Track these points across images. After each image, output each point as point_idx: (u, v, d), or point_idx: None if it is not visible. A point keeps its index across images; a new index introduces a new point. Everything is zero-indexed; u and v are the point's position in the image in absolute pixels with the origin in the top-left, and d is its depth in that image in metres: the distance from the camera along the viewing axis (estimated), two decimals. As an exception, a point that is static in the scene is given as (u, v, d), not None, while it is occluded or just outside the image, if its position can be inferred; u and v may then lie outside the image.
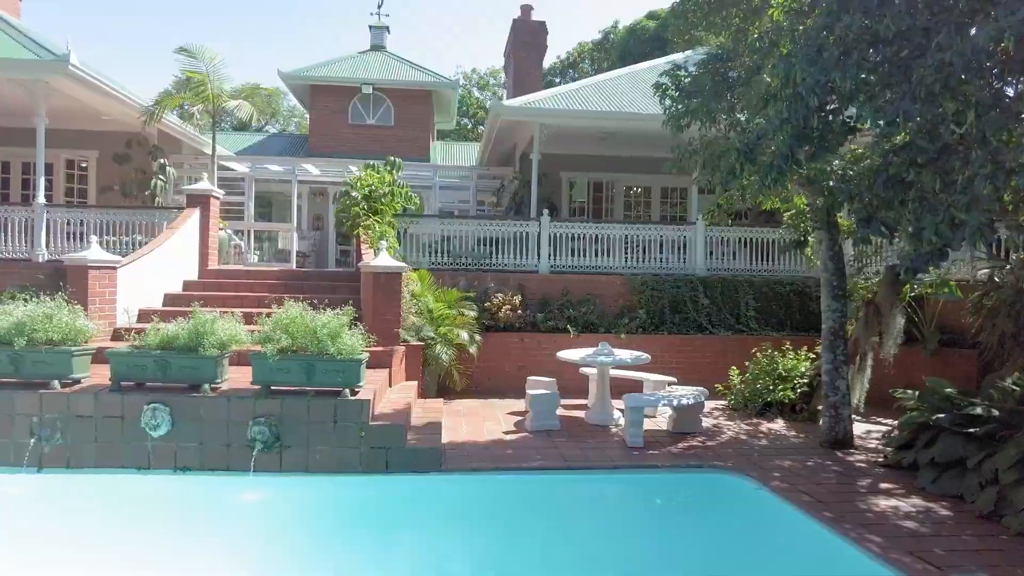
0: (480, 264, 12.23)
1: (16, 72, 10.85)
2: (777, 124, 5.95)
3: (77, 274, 8.82)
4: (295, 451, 6.82)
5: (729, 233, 12.67)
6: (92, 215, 11.63)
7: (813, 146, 5.98)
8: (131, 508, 6.52)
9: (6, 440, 6.72)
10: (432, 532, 6.20)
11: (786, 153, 5.92)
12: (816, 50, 5.70)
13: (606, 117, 13.03)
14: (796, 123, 5.83)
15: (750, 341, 11.70)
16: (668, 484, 7.10)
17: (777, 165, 5.99)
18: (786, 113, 5.84)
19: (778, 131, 5.97)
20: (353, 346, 6.89)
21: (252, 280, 11.29)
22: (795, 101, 5.90)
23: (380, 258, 9.18)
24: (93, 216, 11.69)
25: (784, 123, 5.88)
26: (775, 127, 5.99)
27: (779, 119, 5.92)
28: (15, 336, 6.76)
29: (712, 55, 9.43)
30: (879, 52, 5.40)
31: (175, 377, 6.86)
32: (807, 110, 5.75)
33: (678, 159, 8.92)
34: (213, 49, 12.56)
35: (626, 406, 8.18)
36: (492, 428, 8.85)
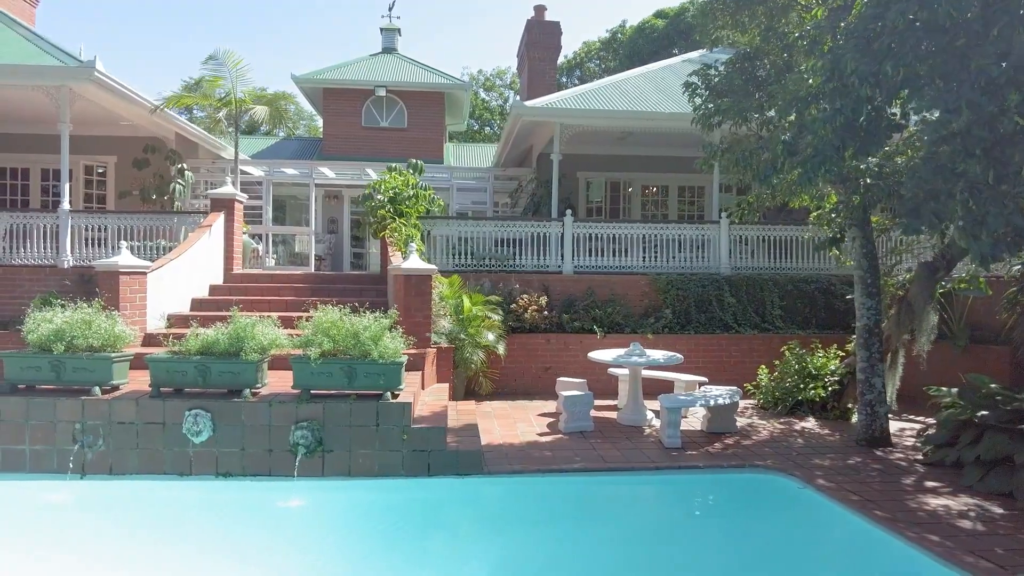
0: (503, 265, 12.21)
1: (41, 79, 10.85)
2: (828, 115, 5.90)
3: (108, 280, 8.80)
4: (337, 455, 6.79)
5: (753, 231, 12.64)
6: (116, 220, 11.62)
7: (860, 139, 5.93)
8: (174, 514, 6.49)
9: (50, 447, 6.71)
10: (478, 536, 6.17)
11: (837, 144, 5.88)
12: (865, 41, 5.66)
13: (628, 117, 12.99)
14: (846, 114, 5.79)
15: (776, 340, 11.68)
16: (711, 485, 7.05)
17: (826, 155, 5.94)
18: (839, 103, 5.79)
19: (827, 122, 5.91)
20: (396, 349, 6.87)
21: (278, 284, 11.27)
22: (842, 93, 5.86)
23: (411, 261, 9.15)
24: (115, 221, 11.67)
25: (836, 113, 5.83)
26: (826, 118, 5.93)
27: (831, 109, 5.87)
28: (55, 342, 6.75)
29: (740, 53, 9.42)
30: (933, 41, 5.34)
31: (215, 382, 6.84)
32: (857, 101, 5.70)
33: (709, 157, 8.87)
34: (237, 55, 12.56)
35: (663, 406, 8.14)
36: (525, 430, 8.82)
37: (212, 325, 7.19)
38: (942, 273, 8.71)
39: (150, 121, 13.80)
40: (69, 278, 11.27)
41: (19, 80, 10.90)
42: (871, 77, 5.56)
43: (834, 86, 5.89)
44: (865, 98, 5.70)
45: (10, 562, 5.68)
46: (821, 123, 5.99)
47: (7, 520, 6.32)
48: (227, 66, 12.62)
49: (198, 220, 11.85)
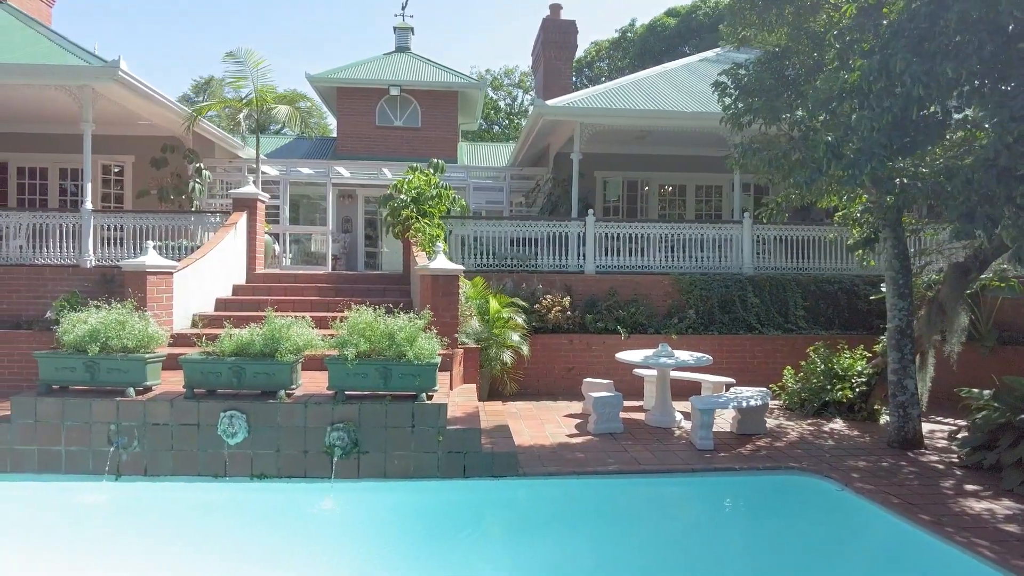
0: (525, 265, 12.17)
1: (65, 78, 10.84)
2: (876, 114, 5.83)
3: (136, 280, 8.79)
4: (373, 457, 6.76)
5: (775, 231, 12.58)
6: (138, 220, 11.60)
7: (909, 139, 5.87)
8: (209, 516, 6.48)
9: (85, 448, 6.69)
10: (518, 539, 6.14)
11: (884, 143, 5.82)
12: (917, 40, 5.60)
13: (650, 116, 12.93)
14: (894, 113, 5.72)
15: (800, 340, 11.63)
16: (748, 487, 7.00)
17: (873, 154, 5.87)
18: (887, 102, 5.72)
19: (874, 121, 5.85)
20: (432, 350, 6.84)
21: (300, 283, 11.25)
22: (890, 93, 5.80)
23: (438, 261, 9.12)
24: (137, 221, 11.65)
25: (884, 112, 5.76)
26: (873, 117, 5.87)
27: (879, 108, 5.80)
28: (91, 343, 6.73)
29: (769, 53, 9.35)
30: (995, 42, 5.27)
31: (249, 384, 6.81)
32: (907, 100, 5.64)
33: (740, 157, 8.81)
34: (258, 54, 12.53)
35: (696, 408, 8.09)
36: (554, 431, 8.78)
37: (245, 325, 7.17)
38: (975, 274, 8.64)
39: (169, 120, 13.78)
40: (91, 278, 11.25)
41: (42, 80, 10.88)
42: (923, 77, 5.49)
43: (882, 86, 5.83)
44: (917, 99, 5.63)
45: (47, 563, 5.68)
46: (868, 122, 5.92)
47: (44, 521, 6.32)
48: (248, 65, 12.60)
49: (215, 220, 11.87)
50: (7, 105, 13.12)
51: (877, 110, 5.95)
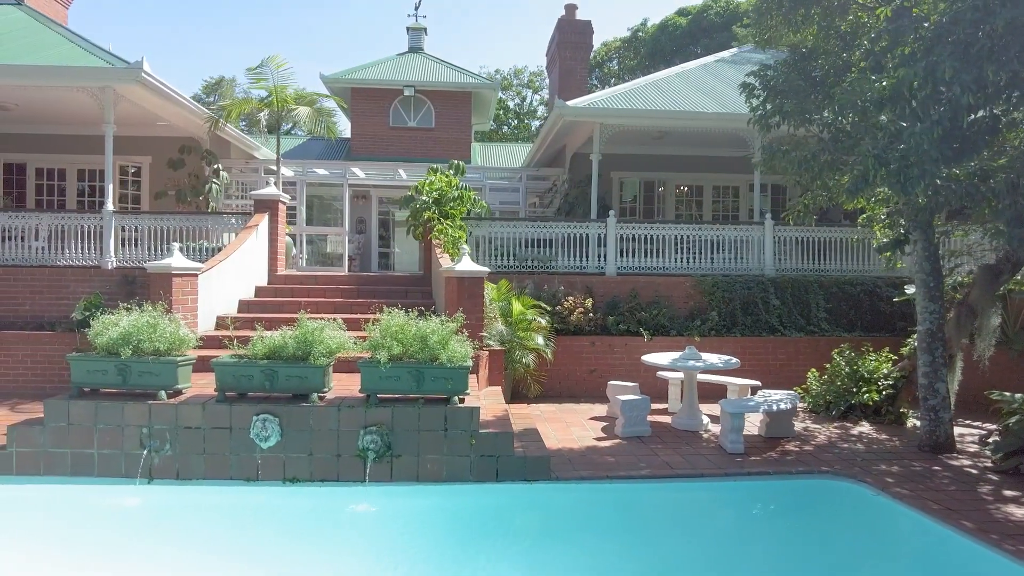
0: (546, 267, 12.13)
1: (88, 80, 10.85)
2: (927, 127, 5.76)
3: (161, 281, 8.76)
4: (405, 460, 6.73)
5: (796, 233, 12.51)
6: (158, 221, 11.61)
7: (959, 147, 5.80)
8: (242, 520, 6.46)
9: (117, 451, 6.67)
10: (553, 544, 6.08)
11: (935, 156, 5.75)
12: (964, 46, 5.54)
13: (671, 116, 12.87)
14: (944, 125, 5.66)
15: (822, 342, 11.58)
16: (782, 491, 6.94)
17: (924, 168, 5.81)
18: (935, 115, 5.66)
19: (925, 134, 5.78)
20: (464, 353, 6.80)
21: (322, 285, 11.23)
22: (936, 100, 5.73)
23: (463, 262, 9.07)
24: (157, 222, 11.65)
25: (934, 124, 5.69)
26: (923, 131, 5.80)
27: (928, 119, 5.73)
28: (123, 346, 6.71)
29: (796, 53, 9.29)
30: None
31: (282, 387, 6.78)
32: (956, 108, 5.57)
33: (769, 159, 8.75)
34: (280, 57, 12.53)
35: (726, 412, 8.04)
36: (581, 434, 8.74)
37: (271, 327, 7.13)
38: (1006, 276, 8.57)
39: (186, 121, 13.79)
40: (113, 279, 11.25)
41: (65, 81, 10.90)
42: (972, 85, 5.42)
43: (927, 93, 5.75)
44: (966, 106, 5.56)
45: (80, 565, 5.67)
46: (919, 135, 5.83)
47: (77, 524, 6.30)
48: (269, 67, 12.59)
49: (232, 221, 11.87)
50: (28, 106, 13.14)
51: (926, 121, 5.86)
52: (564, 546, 6.02)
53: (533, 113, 43.72)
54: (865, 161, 6.54)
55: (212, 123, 12.80)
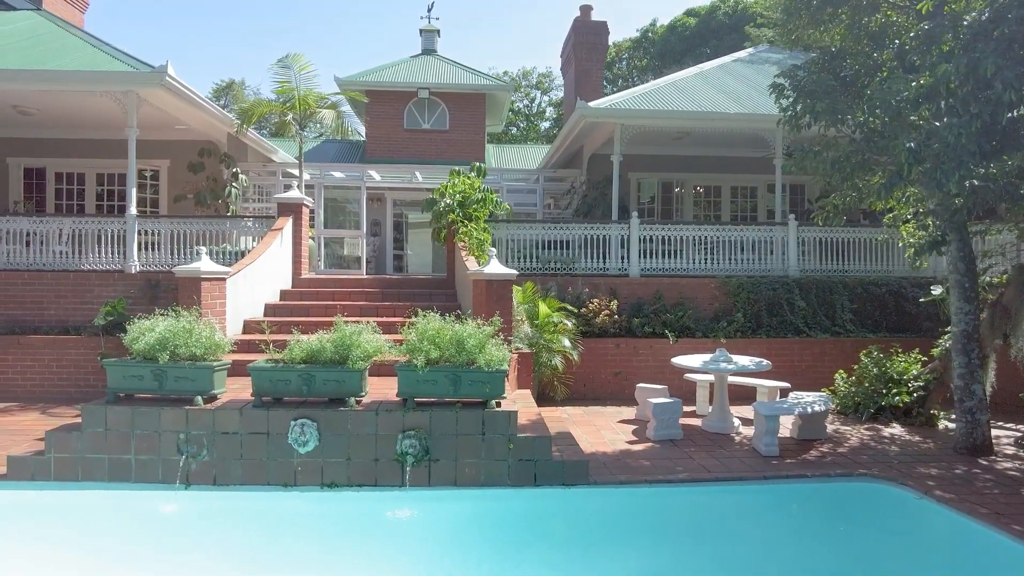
0: (569, 268, 12.09)
1: (113, 85, 10.86)
2: (965, 121, 5.71)
3: (189, 286, 8.75)
4: (443, 465, 6.68)
5: (822, 233, 12.45)
6: (181, 225, 11.61)
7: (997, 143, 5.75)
8: (281, 525, 6.42)
9: (154, 456, 6.64)
10: (595, 549, 6.02)
11: (973, 150, 5.70)
12: (1007, 43, 5.48)
13: (693, 117, 12.83)
14: (983, 119, 5.60)
15: (848, 343, 11.52)
16: (822, 494, 6.88)
17: (962, 161, 5.75)
18: (975, 108, 5.60)
19: (963, 128, 5.72)
20: (502, 357, 6.75)
21: (346, 288, 11.21)
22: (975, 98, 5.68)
23: (492, 265, 9.04)
24: (179, 226, 11.66)
25: (973, 118, 5.64)
26: (962, 124, 5.74)
27: (967, 114, 5.68)
28: (160, 351, 6.68)
29: (825, 53, 9.23)
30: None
31: (319, 391, 6.74)
32: (998, 106, 5.52)
33: (800, 160, 8.69)
34: (304, 59, 12.50)
35: (760, 414, 7.98)
36: (612, 437, 8.69)
37: (312, 331, 7.10)
38: None
39: (206, 124, 13.79)
40: (137, 283, 11.25)
41: (90, 86, 10.90)
42: (1015, 81, 5.37)
43: (968, 89, 5.70)
44: (1008, 103, 5.51)
45: (118, 571, 5.65)
46: (957, 128, 5.79)
47: (115, 530, 6.28)
48: (294, 69, 12.57)
49: (249, 224, 11.87)
50: (48, 111, 13.14)
51: (964, 116, 5.82)
52: (609, 551, 5.97)
53: (542, 114, 43.71)
54: (900, 156, 6.47)
55: (238, 127, 12.77)
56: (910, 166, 6.37)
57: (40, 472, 6.63)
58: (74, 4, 17.32)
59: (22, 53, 11.68)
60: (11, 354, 10.63)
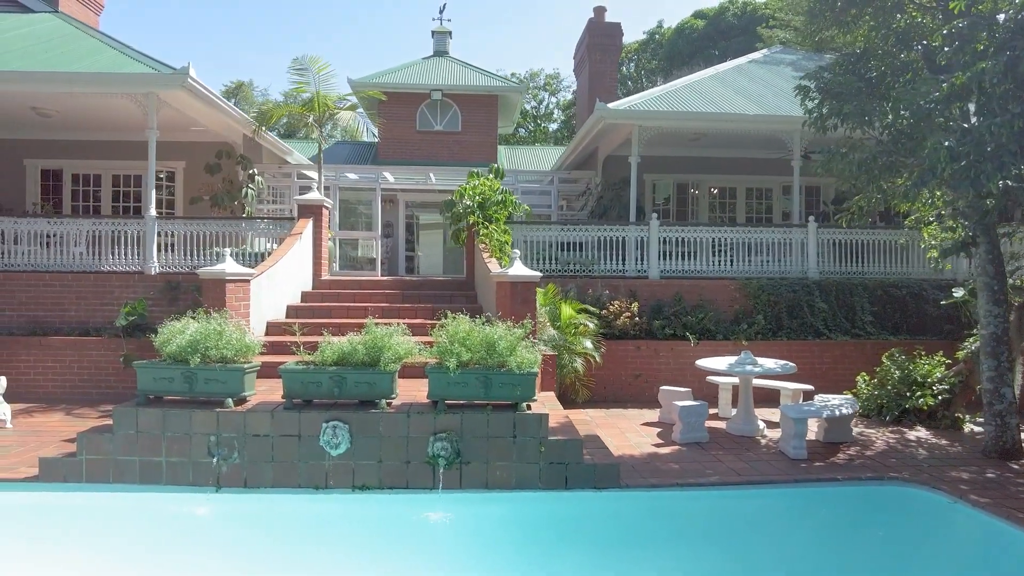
0: (587, 270, 12.06)
1: (134, 86, 10.87)
2: (1007, 119, 5.68)
3: (214, 287, 8.73)
4: (474, 467, 6.66)
5: (842, 235, 12.41)
6: (207, 227, 11.62)
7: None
8: (313, 528, 6.42)
9: (185, 459, 6.62)
10: (633, 552, 6.00)
11: (1015, 149, 5.67)
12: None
13: (711, 118, 12.80)
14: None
15: (868, 345, 11.49)
16: (853, 498, 6.83)
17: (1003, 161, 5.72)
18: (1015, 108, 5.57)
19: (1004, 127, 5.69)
20: (534, 359, 6.73)
21: (366, 290, 11.21)
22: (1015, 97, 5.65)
23: (515, 267, 9.01)
24: (200, 227, 11.67)
25: (1016, 118, 5.61)
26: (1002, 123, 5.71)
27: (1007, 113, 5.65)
28: (191, 354, 6.67)
29: (850, 54, 9.20)
30: None
31: (350, 393, 6.73)
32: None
33: (826, 161, 8.65)
34: (321, 60, 12.50)
35: (788, 417, 7.95)
36: (637, 440, 8.66)
37: (339, 333, 7.10)
38: None
39: (223, 126, 13.80)
40: (156, 285, 11.26)
41: (112, 88, 10.92)
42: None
43: (1007, 88, 5.67)
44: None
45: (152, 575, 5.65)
46: (997, 127, 5.76)
47: (148, 533, 6.27)
48: (312, 71, 12.57)
49: (263, 225, 11.87)
50: (67, 113, 13.16)
51: (1003, 115, 5.79)
52: (643, 555, 5.96)
53: (549, 116, 43.70)
54: (935, 155, 6.43)
55: (255, 129, 12.79)
56: (945, 165, 6.32)
57: (72, 474, 6.62)
58: (88, 6, 17.33)
59: (43, 55, 11.70)
60: (33, 355, 10.65)
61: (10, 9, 14.76)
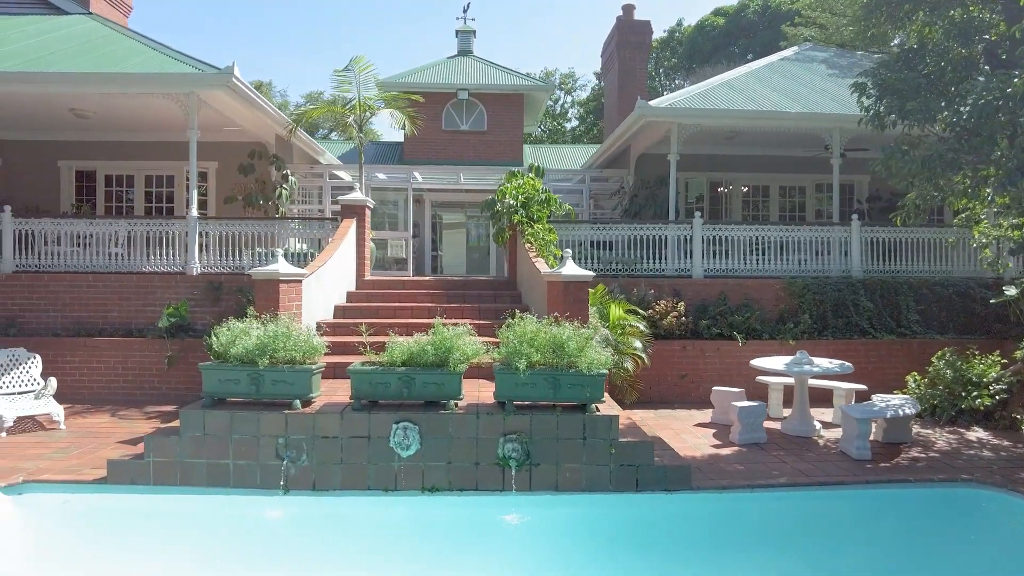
0: (630, 270, 11.97)
1: (177, 87, 10.84)
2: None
3: (267, 288, 8.65)
4: (544, 469, 6.58)
5: (886, 234, 12.27)
6: (246, 227, 11.60)
7: None
8: (384, 531, 6.37)
9: (252, 462, 6.57)
10: (718, 555, 5.94)
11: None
12: None
13: (753, 116, 12.69)
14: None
15: (915, 344, 11.36)
16: (929, 500, 6.73)
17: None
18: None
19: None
20: (603, 360, 6.66)
21: (410, 290, 11.15)
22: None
23: (568, 267, 8.92)
24: (239, 228, 11.63)
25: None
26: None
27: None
28: (259, 355, 6.61)
29: (907, 50, 9.09)
30: None
31: (418, 394, 6.67)
32: None
33: (887, 159, 8.54)
34: (365, 59, 12.43)
35: (851, 417, 7.84)
36: (695, 442, 8.57)
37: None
38: None
39: (258, 125, 13.77)
40: (199, 285, 11.22)
41: (155, 88, 10.88)
42: None
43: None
44: None
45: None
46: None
47: (217, 537, 6.23)
48: (354, 70, 12.51)
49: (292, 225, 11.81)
50: (103, 114, 13.13)
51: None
52: (720, 558, 5.90)
53: (564, 115, 43.61)
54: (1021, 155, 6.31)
55: (292, 129, 12.74)
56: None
57: (140, 477, 6.58)
58: (118, 7, 17.33)
59: (84, 57, 11.69)
60: (78, 356, 10.63)
61: (42, 11, 14.78)
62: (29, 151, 15.01)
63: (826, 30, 22.78)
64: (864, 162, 15.26)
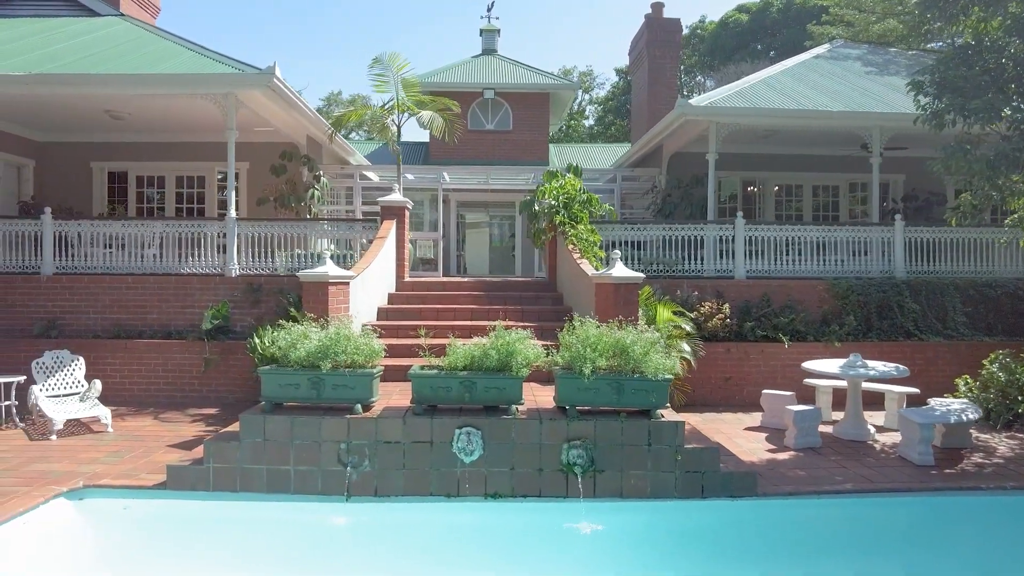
0: (671, 270, 11.83)
1: (216, 87, 10.78)
2: None
3: (316, 290, 8.58)
4: (608, 476, 6.48)
5: (931, 234, 12.07)
6: (287, 229, 11.54)
7: None
8: (448, 538, 6.27)
9: (314, 467, 6.49)
10: (782, 564, 5.83)
11: None
12: None
13: (794, 115, 12.51)
14: None
15: (962, 346, 11.17)
16: (1003, 508, 6.58)
17: None
18: None
19: None
20: (669, 365, 6.54)
21: (449, 291, 11.06)
22: None
23: (618, 268, 8.81)
24: (279, 229, 11.57)
25: None
26: None
27: None
28: (321, 359, 6.54)
29: (964, 46, 8.91)
30: None
31: (479, 399, 6.57)
32: None
33: (947, 158, 8.37)
34: (402, 58, 12.31)
35: (913, 422, 7.69)
36: (749, 446, 8.43)
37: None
38: None
39: (290, 126, 13.71)
40: (238, 287, 11.17)
41: (194, 89, 10.82)
42: None
43: None
44: None
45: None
46: None
47: (281, 545, 6.15)
48: (391, 70, 12.39)
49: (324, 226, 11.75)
50: (138, 115, 13.11)
51: None
52: (794, 566, 5.77)
53: (582, 113, 43.43)
54: None
55: (331, 134, 12.66)
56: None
57: (199, 482, 6.51)
58: (146, 8, 17.32)
59: (120, 59, 11.65)
60: (119, 358, 10.60)
61: (74, 12, 14.78)
62: (62, 153, 15.02)
63: (853, 27, 22.50)
64: (900, 161, 15.09)
